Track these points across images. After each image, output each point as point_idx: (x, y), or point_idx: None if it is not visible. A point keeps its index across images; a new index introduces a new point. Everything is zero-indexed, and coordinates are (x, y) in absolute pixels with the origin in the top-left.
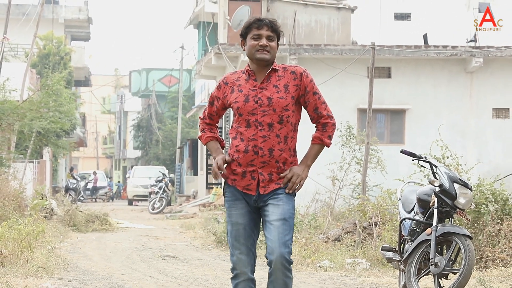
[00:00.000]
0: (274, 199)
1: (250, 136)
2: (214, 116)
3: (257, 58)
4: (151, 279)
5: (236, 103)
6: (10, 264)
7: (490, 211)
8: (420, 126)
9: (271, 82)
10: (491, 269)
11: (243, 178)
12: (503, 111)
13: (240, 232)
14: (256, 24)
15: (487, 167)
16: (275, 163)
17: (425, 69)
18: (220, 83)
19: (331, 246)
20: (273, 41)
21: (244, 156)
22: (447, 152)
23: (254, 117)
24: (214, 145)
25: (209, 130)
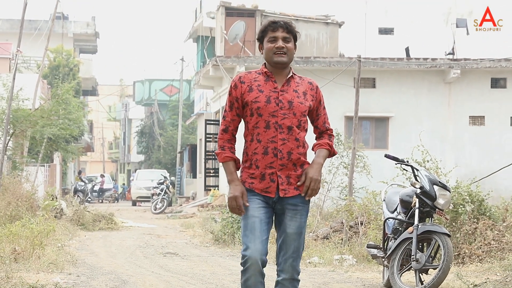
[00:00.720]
0: (293, 211)
1: (269, 138)
2: (236, 122)
3: (275, 61)
4: (153, 274)
5: (257, 102)
6: (23, 260)
7: (467, 211)
8: (402, 133)
9: (291, 87)
10: (468, 264)
11: (261, 181)
12: (479, 118)
13: (256, 225)
14: (271, 26)
15: (464, 170)
16: (293, 166)
17: (407, 79)
18: (236, 82)
19: (320, 244)
20: (290, 42)
21: (263, 158)
22: (427, 157)
23: (274, 119)
24: (231, 168)
25: (229, 149)
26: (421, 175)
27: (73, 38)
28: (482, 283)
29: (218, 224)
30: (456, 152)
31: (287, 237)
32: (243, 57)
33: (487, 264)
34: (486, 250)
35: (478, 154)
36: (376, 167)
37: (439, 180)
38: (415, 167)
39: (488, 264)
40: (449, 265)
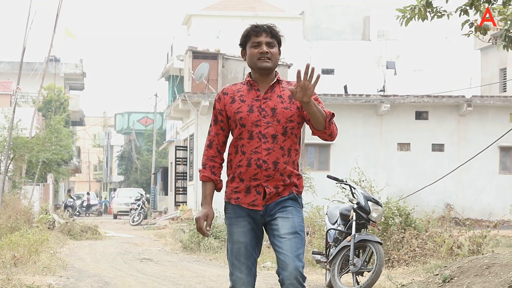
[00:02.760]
0: (283, 212)
1: (252, 149)
2: (220, 137)
3: (259, 67)
4: (131, 277)
5: (239, 113)
6: (21, 265)
7: (396, 223)
8: (341, 157)
9: (275, 93)
10: (396, 268)
11: (247, 195)
12: (405, 145)
13: (242, 251)
14: (254, 31)
15: (393, 189)
16: (280, 176)
17: (345, 112)
18: (219, 95)
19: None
20: (274, 47)
21: (247, 170)
22: (362, 177)
23: (258, 129)
24: (206, 190)
25: (210, 168)
26: (357, 192)
27: (64, 77)
28: (408, 283)
29: (186, 234)
30: (387, 173)
31: (281, 238)
32: (207, 93)
33: (412, 267)
34: (411, 255)
35: (405, 175)
36: (319, 186)
37: (373, 197)
38: (352, 186)
39: (413, 267)
40: (381, 269)
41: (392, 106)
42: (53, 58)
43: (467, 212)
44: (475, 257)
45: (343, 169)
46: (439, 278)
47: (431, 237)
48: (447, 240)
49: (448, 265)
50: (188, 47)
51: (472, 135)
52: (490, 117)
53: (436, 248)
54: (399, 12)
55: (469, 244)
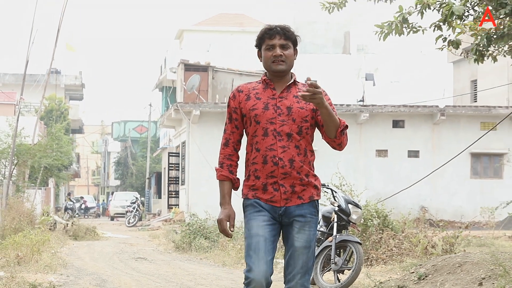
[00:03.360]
0: (300, 222)
1: (268, 146)
2: (236, 135)
3: (273, 70)
4: (127, 274)
5: (254, 110)
6: (24, 263)
7: (374, 224)
8: (324, 163)
9: (291, 93)
10: (375, 266)
11: (264, 192)
12: (383, 151)
13: (261, 245)
14: (267, 34)
15: (372, 192)
16: (297, 174)
17: None
18: (234, 93)
19: None
20: (288, 49)
21: (263, 167)
22: (343, 182)
23: (272, 126)
24: (224, 189)
25: (227, 167)
26: (338, 196)
27: (64, 88)
28: (386, 281)
29: (178, 235)
30: (366, 178)
31: (295, 251)
32: (198, 103)
33: (390, 266)
34: (389, 255)
35: (383, 179)
36: None
37: (353, 200)
38: (333, 189)
39: (390, 265)
40: (361, 267)
41: (370, 115)
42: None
43: (440, 214)
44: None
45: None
46: (414, 276)
47: (407, 238)
48: (422, 240)
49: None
50: (181, 60)
51: (445, 142)
52: (462, 125)
53: (411, 247)
54: (377, 27)
55: (443, 244)
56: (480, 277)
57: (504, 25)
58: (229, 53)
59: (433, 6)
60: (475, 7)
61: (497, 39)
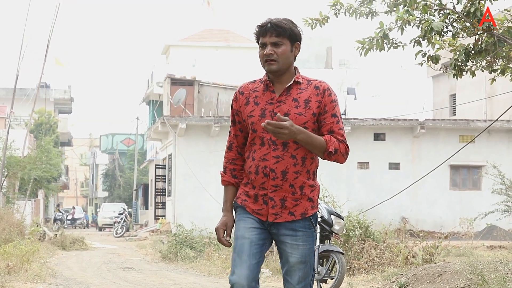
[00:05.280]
0: (292, 237)
1: (261, 156)
2: (240, 138)
3: (266, 70)
4: (115, 284)
5: (251, 117)
6: (14, 273)
7: (356, 234)
8: None
9: (290, 95)
10: (357, 275)
11: (255, 202)
12: (365, 164)
13: (245, 247)
14: (259, 31)
15: (354, 203)
16: (289, 187)
17: None
18: (236, 94)
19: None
20: (281, 46)
21: (256, 178)
22: (326, 193)
23: (268, 135)
24: (227, 195)
25: (230, 172)
26: (321, 207)
27: (54, 102)
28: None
29: (165, 245)
30: (348, 189)
31: (291, 267)
32: (184, 116)
33: (371, 275)
34: (370, 264)
35: (364, 191)
36: None
37: (335, 211)
38: None
39: (372, 275)
40: (343, 276)
41: (352, 128)
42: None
43: (420, 224)
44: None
45: None
46: (395, 285)
47: (388, 248)
48: (403, 250)
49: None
50: (167, 74)
51: (425, 155)
52: (441, 138)
53: (393, 257)
54: (359, 43)
55: (423, 254)
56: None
57: (482, 41)
58: (214, 68)
59: (413, 22)
60: (454, 23)
61: (475, 55)
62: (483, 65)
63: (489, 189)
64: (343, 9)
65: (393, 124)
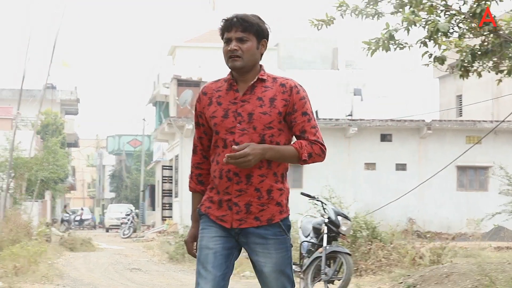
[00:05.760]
0: (262, 245)
1: None
2: (204, 140)
3: (229, 67)
4: (122, 285)
5: (214, 118)
6: (22, 274)
7: (363, 235)
8: (314, 175)
9: (255, 94)
10: (364, 276)
11: (219, 208)
12: (371, 164)
13: (209, 258)
14: (224, 26)
15: (361, 204)
16: (255, 191)
17: None
18: (200, 95)
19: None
20: (246, 42)
21: (220, 182)
22: (332, 194)
23: (232, 137)
24: (194, 203)
25: (196, 177)
26: (328, 208)
27: (60, 103)
28: None
29: (172, 246)
30: (355, 190)
31: (265, 277)
32: (190, 117)
33: (379, 276)
34: (378, 265)
35: (371, 192)
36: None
37: (342, 212)
38: (323, 202)
39: (379, 276)
40: (350, 277)
41: (359, 129)
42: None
43: (427, 225)
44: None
45: (315, 187)
46: (403, 286)
47: (395, 249)
48: (410, 251)
49: (411, 274)
50: (173, 75)
51: (432, 156)
52: (447, 139)
53: (400, 258)
54: (365, 44)
55: (430, 255)
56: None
57: (488, 42)
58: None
59: (419, 23)
60: (460, 24)
61: (482, 55)
62: (490, 66)
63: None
64: (349, 10)
65: (400, 125)
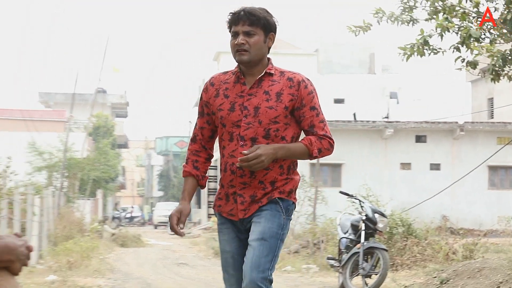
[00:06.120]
0: (257, 216)
1: (230, 152)
2: (205, 131)
3: (237, 61)
4: (170, 279)
5: (220, 111)
6: (75, 268)
7: (399, 232)
8: (351, 175)
9: (261, 88)
10: (400, 271)
11: (227, 203)
12: (407, 164)
13: (229, 262)
14: (232, 19)
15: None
16: (259, 183)
17: (354, 136)
18: (207, 85)
19: (292, 256)
20: (254, 36)
21: (224, 175)
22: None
23: (237, 130)
24: (186, 185)
25: (192, 163)
26: (365, 206)
27: (111, 106)
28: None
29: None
30: (391, 189)
31: (249, 246)
32: None
33: (414, 271)
34: (413, 260)
35: (406, 190)
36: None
37: (379, 210)
38: (361, 200)
39: (414, 270)
40: (386, 272)
41: (395, 131)
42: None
43: (460, 222)
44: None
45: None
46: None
47: (429, 245)
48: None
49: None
50: None
51: (464, 156)
52: (479, 140)
53: (434, 254)
54: (400, 49)
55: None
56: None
57: None
58: None
59: (452, 30)
60: (491, 30)
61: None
62: None
63: None
64: (385, 17)
65: (434, 126)
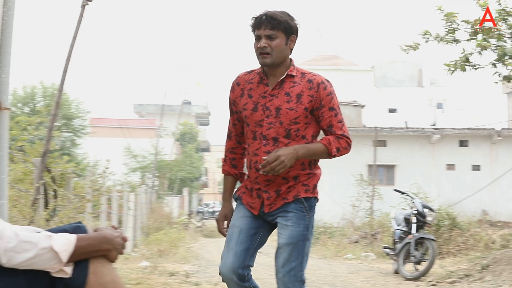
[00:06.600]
0: (283, 217)
1: (253, 151)
2: (237, 127)
3: (260, 64)
4: None
5: (245, 110)
6: (165, 256)
7: (445, 224)
8: (404, 175)
9: (283, 89)
10: (446, 259)
11: (251, 195)
12: (452, 166)
13: (234, 236)
14: (254, 23)
15: (443, 199)
16: (282, 179)
17: (406, 141)
18: (233, 84)
19: (352, 246)
20: (275, 39)
21: (249, 172)
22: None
23: (260, 129)
24: (226, 185)
25: (230, 161)
26: (416, 202)
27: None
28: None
29: None
30: (438, 187)
31: (278, 248)
32: None
33: (458, 258)
34: (457, 249)
35: (451, 189)
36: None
37: (428, 205)
38: (412, 196)
39: (459, 258)
40: (435, 259)
41: (441, 136)
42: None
43: (498, 216)
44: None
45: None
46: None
47: (472, 235)
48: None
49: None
50: None
51: (502, 158)
52: None
53: (475, 243)
54: (446, 66)
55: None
56: None
57: None
58: None
59: (489, 48)
60: None
61: None
62: None
63: None
64: (432, 38)
65: (475, 132)
